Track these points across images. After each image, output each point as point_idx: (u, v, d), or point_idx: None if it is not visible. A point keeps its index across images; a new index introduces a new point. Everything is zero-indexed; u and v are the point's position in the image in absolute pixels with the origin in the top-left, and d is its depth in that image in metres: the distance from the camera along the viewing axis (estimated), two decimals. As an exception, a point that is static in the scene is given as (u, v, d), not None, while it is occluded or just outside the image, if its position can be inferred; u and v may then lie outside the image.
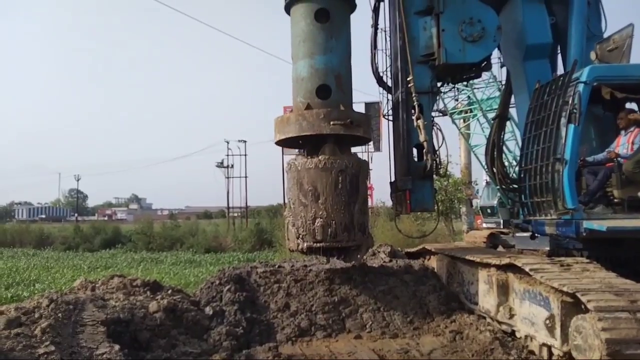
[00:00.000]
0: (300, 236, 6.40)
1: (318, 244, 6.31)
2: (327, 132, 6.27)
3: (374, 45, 8.39)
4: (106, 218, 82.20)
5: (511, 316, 5.48)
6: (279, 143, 6.94)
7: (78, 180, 73.90)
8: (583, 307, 4.17)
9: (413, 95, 7.08)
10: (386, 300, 6.62)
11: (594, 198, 6.16)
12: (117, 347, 4.63)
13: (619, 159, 6.11)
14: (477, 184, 25.31)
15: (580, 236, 5.74)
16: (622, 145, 6.28)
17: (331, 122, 6.20)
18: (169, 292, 7.01)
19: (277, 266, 8.49)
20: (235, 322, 6.19)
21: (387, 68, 8.43)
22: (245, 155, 40.84)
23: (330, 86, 6.52)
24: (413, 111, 7.19)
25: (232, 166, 41.36)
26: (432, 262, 8.49)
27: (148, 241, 28.09)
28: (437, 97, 8.60)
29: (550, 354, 4.72)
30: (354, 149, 7.36)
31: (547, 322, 4.64)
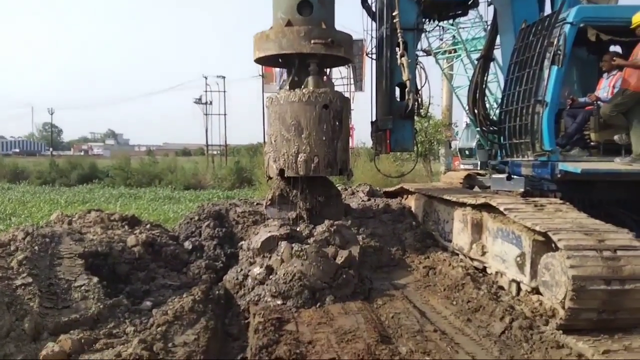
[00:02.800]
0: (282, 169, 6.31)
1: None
2: (307, 52, 6.07)
3: None
4: (82, 153, 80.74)
5: (483, 253, 5.65)
6: (258, 61, 6.70)
7: (52, 114, 71.67)
8: (553, 245, 4.31)
9: (398, 31, 6.89)
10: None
11: (571, 141, 6.24)
12: (95, 279, 4.66)
13: (598, 102, 6.13)
14: (457, 126, 25.45)
15: (555, 178, 5.85)
16: (603, 88, 6.28)
17: (312, 41, 5.96)
18: (148, 226, 7.02)
19: (255, 204, 8.54)
20: (215, 256, 6.27)
21: (372, 3, 8.16)
22: (225, 92, 40.00)
23: (312, 2, 6.22)
24: (397, 49, 7.03)
25: (211, 103, 40.49)
26: (410, 202, 8.63)
27: (126, 177, 27.77)
28: (422, 35, 8.39)
29: (519, 289, 4.92)
30: (338, 87, 7.19)
31: (518, 259, 4.80)
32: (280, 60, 6.54)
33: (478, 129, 8.37)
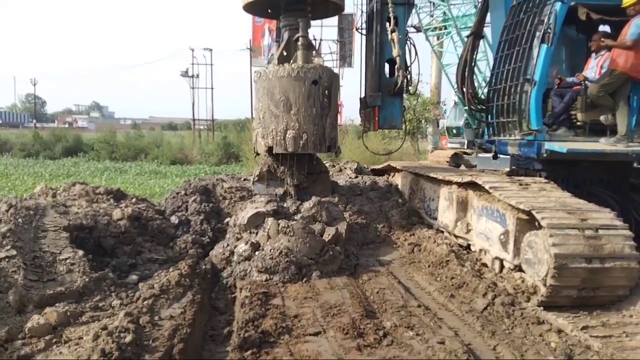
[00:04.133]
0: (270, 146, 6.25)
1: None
2: None
3: None
4: (66, 125, 79.31)
5: (468, 231, 5.72)
6: (247, 7, 6.52)
7: (35, 85, 69.92)
8: (537, 224, 4.37)
9: (389, 5, 6.81)
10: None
11: (558, 120, 6.27)
12: (80, 252, 4.63)
13: (586, 82, 6.14)
14: (445, 105, 25.39)
15: (541, 157, 5.90)
16: (591, 68, 6.28)
17: None
18: (133, 200, 6.97)
19: (242, 179, 8.51)
20: (201, 231, 6.26)
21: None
22: (212, 64, 39.28)
23: None
24: (387, 24, 6.95)
25: (198, 76, 39.76)
26: (396, 179, 8.66)
27: (111, 150, 27.42)
28: (412, 11, 8.30)
29: (502, 266, 5.00)
30: (326, 63, 7.10)
31: (502, 237, 4.87)
32: (270, 10, 6.35)
33: (466, 107, 8.36)
